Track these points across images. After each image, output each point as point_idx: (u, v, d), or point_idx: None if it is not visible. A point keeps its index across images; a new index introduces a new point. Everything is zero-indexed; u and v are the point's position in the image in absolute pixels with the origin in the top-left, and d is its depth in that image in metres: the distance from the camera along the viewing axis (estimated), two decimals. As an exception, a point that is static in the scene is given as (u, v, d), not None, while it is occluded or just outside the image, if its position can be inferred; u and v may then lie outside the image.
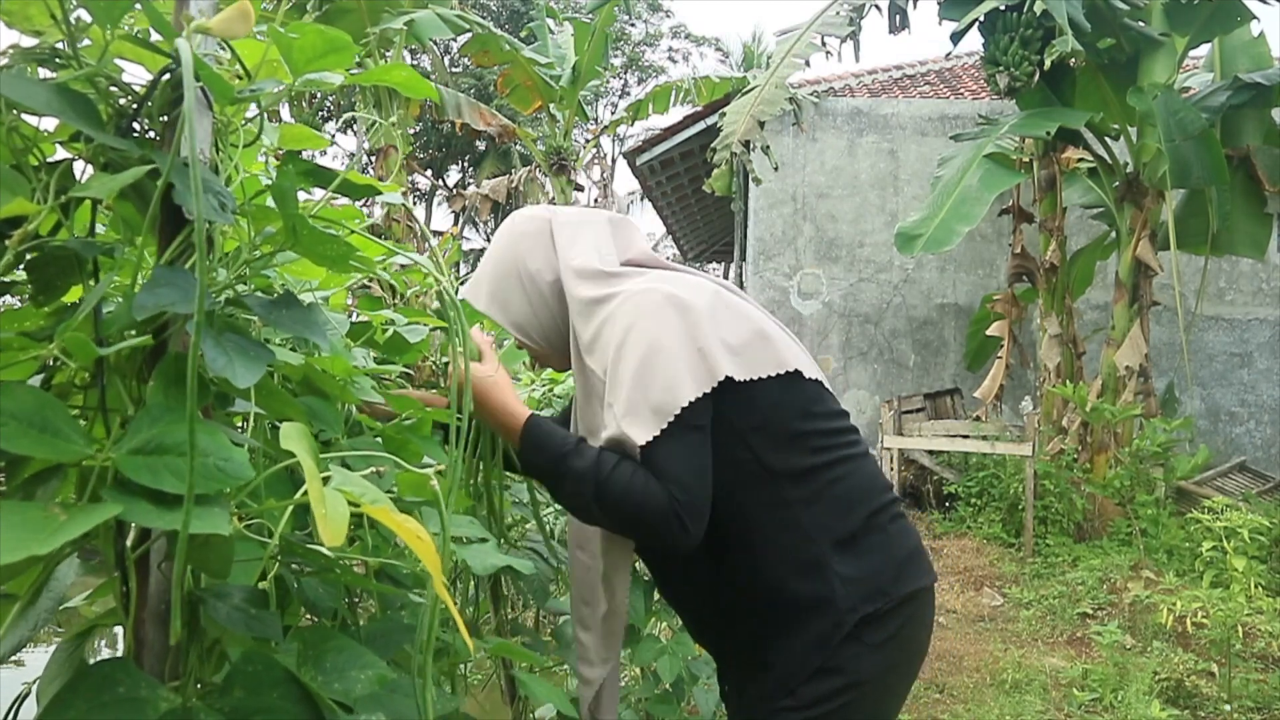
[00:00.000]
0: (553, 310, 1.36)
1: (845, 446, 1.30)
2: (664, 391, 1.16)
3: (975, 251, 9.59)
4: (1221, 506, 4.20)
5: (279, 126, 0.75)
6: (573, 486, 1.19)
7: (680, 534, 1.15)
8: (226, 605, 0.73)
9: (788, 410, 1.26)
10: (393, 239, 7.07)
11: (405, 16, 6.44)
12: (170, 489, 0.58)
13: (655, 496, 1.15)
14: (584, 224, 1.39)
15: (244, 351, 0.59)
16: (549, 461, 1.21)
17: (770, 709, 1.24)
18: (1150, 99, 6.25)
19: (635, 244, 1.41)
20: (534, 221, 1.40)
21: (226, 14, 0.55)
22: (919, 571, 1.31)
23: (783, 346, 1.29)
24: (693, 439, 1.17)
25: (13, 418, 0.57)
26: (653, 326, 1.19)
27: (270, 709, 0.68)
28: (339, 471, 0.64)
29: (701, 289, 1.28)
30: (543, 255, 1.36)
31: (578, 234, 1.37)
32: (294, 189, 0.61)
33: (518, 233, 1.39)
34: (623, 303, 1.24)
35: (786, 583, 1.24)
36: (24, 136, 0.58)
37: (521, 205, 20.95)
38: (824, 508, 1.25)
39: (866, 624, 1.23)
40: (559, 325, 1.37)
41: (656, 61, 24.64)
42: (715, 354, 1.20)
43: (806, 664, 1.22)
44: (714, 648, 1.42)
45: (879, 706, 1.27)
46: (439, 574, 0.61)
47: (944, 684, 4.08)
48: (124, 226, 0.63)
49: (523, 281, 1.36)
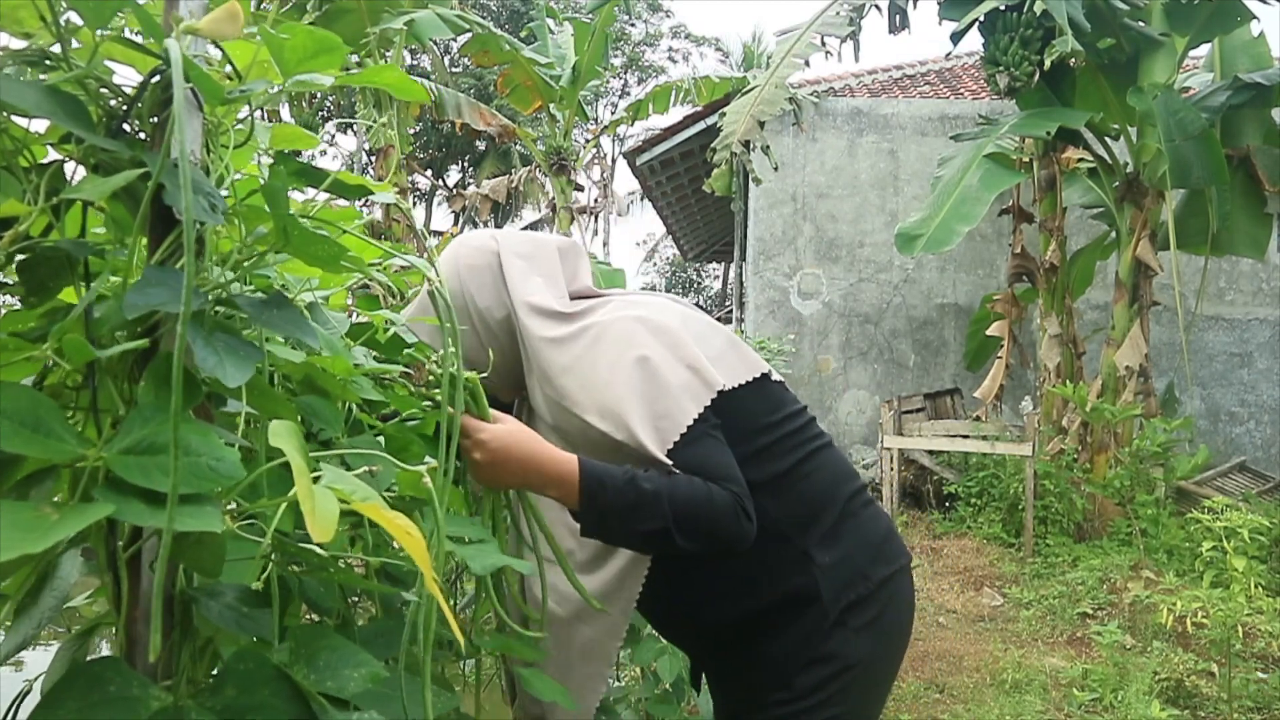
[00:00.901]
0: (503, 345, 1.31)
1: (812, 440, 1.32)
2: (666, 417, 1.16)
3: (975, 251, 9.59)
4: (1221, 506, 4.19)
5: (271, 127, 0.75)
6: (649, 511, 1.11)
7: (748, 527, 1.16)
8: (219, 604, 0.73)
9: (759, 412, 1.27)
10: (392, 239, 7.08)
11: (405, 16, 6.45)
12: (162, 488, 0.58)
13: (720, 494, 1.14)
14: (535, 256, 1.33)
15: (234, 351, 0.60)
16: (617, 492, 1.12)
17: (763, 703, 1.25)
18: (1150, 99, 6.25)
19: (581, 274, 1.38)
20: (481, 254, 1.32)
21: (216, 14, 0.55)
22: (894, 552, 1.34)
23: (749, 351, 1.31)
24: (714, 440, 1.18)
25: (6, 417, 0.57)
26: (637, 354, 1.18)
27: (262, 707, 0.68)
28: (330, 469, 0.64)
29: (666, 308, 1.28)
30: (492, 290, 1.30)
31: (530, 268, 1.31)
32: (284, 189, 0.61)
33: (463, 265, 1.32)
34: (598, 337, 1.22)
35: (773, 584, 1.25)
36: (14, 138, 0.58)
37: (521, 205, 20.83)
38: (800, 507, 1.27)
39: (851, 610, 1.25)
40: (508, 359, 1.32)
41: (656, 61, 24.65)
42: (704, 368, 1.21)
43: (799, 657, 1.24)
44: (692, 649, 1.42)
45: (872, 686, 1.30)
46: (428, 569, 0.61)
47: (944, 684, 4.08)
48: (115, 227, 0.63)
49: (471, 317, 1.30)
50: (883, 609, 1.28)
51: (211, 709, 0.67)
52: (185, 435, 0.58)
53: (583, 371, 1.21)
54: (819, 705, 1.23)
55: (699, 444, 1.16)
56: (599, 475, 1.13)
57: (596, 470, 1.13)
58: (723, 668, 1.35)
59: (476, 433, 1.12)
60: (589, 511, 1.13)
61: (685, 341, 1.22)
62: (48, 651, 0.86)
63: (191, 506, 0.59)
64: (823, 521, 1.27)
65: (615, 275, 6.11)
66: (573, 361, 1.22)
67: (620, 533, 1.16)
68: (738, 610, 1.27)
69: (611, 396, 1.17)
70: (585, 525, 1.15)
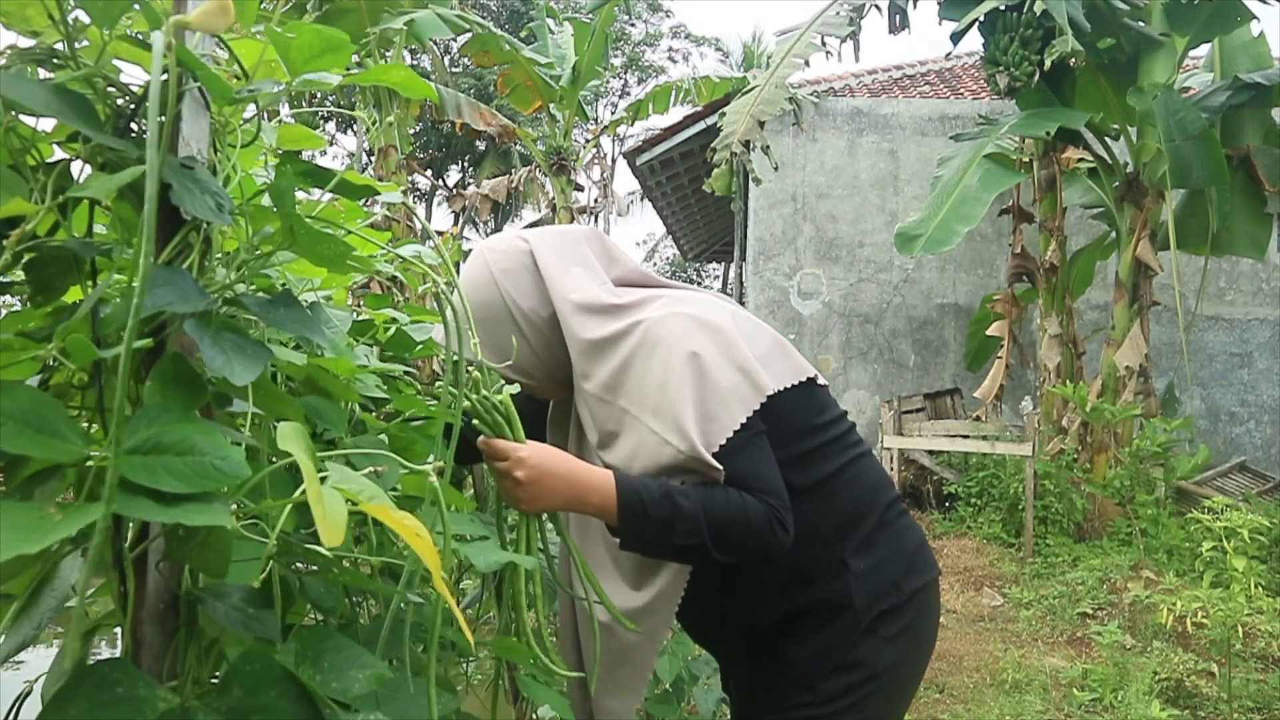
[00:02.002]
0: (551, 345, 1.27)
1: (853, 447, 1.31)
2: (714, 420, 1.14)
3: (975, 251, 9.59)
4: (1221, 506, 4.19)
5: (278, 126, 0.75)
6: (685, 526, 1.11)
7: (784, 538, 1.15)
8: (225, 605, 0.73)
9: (805, 416, 1.26)
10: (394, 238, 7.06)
11: (405, 16, 6.45)
12: (168, 488, 0.58)
13: (755, 508, 1.13)
14: (567, 248, 1.29)
15: (242, 350, 0.59)
16: (655, 506, 1.12)
17: (789, 705, 1.25)
18: (1150, 99, 6.25)
19: (621, 258, 1.34)
20: (513, 256, 1.28)
21: (205, 8, 0.54)
22: (926, 564, 1.34)
23: (795, 354, 1.29)
24: (757, 447, 1.17)
25: (11, 418, 0.57)
26: (689, 349, 1.16)
27: (268, 708, 0.68)
28: (337, 469, 0.64)
29: (716, 306, 1.26)
30: (533, 290, 1.26)
31: (565, 261, 1.27)
32: (292, 189, 0.61)
33: (498, 270, 1.27)
34: (646, 335, 1.19)
35: (807, 589, 1.25)
36: (21, 137, 0.58)
37: (521, 205, 20.78)
38: (838, 514, 1.26)
39: (882, 619, 1.25)
40: (559, 358, 1.28)
41: (656, 61, 24.63)
42: (755, 371, 1.19)
43: (826, 662, 1.24)
44: (723, 652, 1.42)
45: (894, 695, 1.30)
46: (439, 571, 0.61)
47: (944, 684, 4.08)
48: (121, 226, 0.63)
49: (518, 323, 1.26)
50: (912, 620, 1.28)
51: (218, 710, 0.67)
52: (190, 434, 0.58)
53: (634, 372, 1.18)
54: (840, 712, 1.22)
55: (742, 452, 1.15)
56: (636, 490, 1.13)
57: (634, 485, 1.13)
58: (748, 669, 1.35)
59: (515, 452, 1.12)
60: (627, 525, 1.13)
61: (736, 342, 1.20)
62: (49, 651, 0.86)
63: (198, 503, 0.59)
64: (860, 529, 1.27)
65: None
66: (622, 363, 1.19)
67: (657, 546, 1.16)
68: (770, 614, 1.27)
69: (665, 398, 1.15)
70: (624, 539, 1.16)
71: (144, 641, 0.70)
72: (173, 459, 0.59)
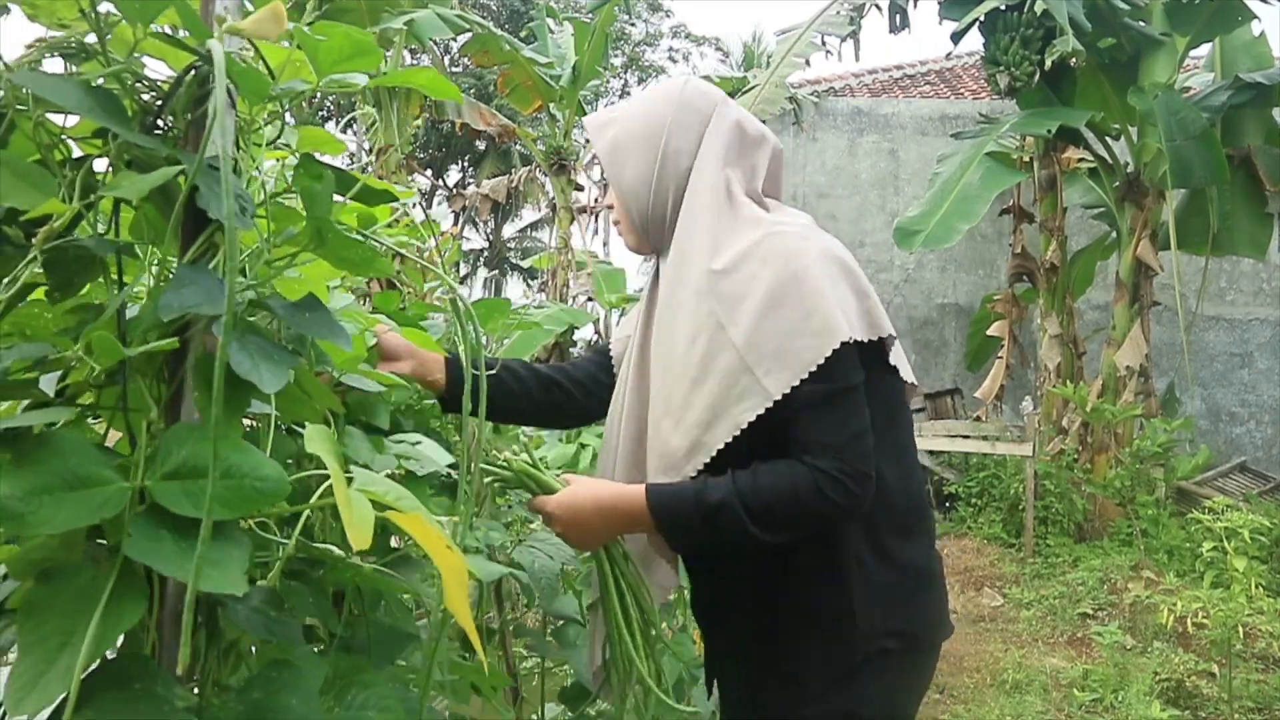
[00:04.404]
0: (670, 197, 1.22)
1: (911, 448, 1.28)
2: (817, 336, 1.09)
3: (975, 251, 9.59)
4: (1222, 507, 4.19)
5: (298, 128, 0.74)
6: (723, 520, 1.09)
7: (845, 502, 1.07)
8: (245, 607, 0.73)
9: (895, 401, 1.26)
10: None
11: (405, 16, 6.43)
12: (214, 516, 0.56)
13: (803, 478, 1.07)
14: (749, 142, 1.24)
15: (268, 354, 0.59)
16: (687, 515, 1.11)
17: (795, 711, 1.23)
18: (1151, 99, 6.25)
19: (778, 181, 1.29)
20: (705, 99, 1.23)
21: (259, 15, 0.55)
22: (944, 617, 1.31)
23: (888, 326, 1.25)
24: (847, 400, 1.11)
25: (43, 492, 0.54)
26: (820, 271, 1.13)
27: (286, 709, 0.68)
28: (360, 471, 0.64)
29: (838, 245, 1.23)
30: (692, 136, 1.21)
31: (738, 147, 1.22)
32: (326, 192, 0.60)
33: (684, 97, 1.23)
34: (761, 244, 1.14)
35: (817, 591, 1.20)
36: (50, 133, 0.57)
37: (521, 205, 20.81)
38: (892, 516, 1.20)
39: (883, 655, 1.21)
40: (666, 213, 1.23)
41: (656, 61, 24.60)
42: (878, 312, 1.19)
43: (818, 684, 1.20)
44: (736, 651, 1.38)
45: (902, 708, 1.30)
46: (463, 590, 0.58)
47: (944, 684, 4.08)
48: (146, 225, 0.63)
49: (657, 154, 1.21)
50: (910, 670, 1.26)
51: (235, 711, 0.67)
52: (227, 456, 0.57)
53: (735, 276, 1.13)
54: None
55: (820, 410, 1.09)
56: (665, 502, 1.12)
57: (664, 498, 1.12)
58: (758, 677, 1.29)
59: (543, 507, 1.14)
60: (670, 534, 1.15)
61: (863, 280, 1.20)
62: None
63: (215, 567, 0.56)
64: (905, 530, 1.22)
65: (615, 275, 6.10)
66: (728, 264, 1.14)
67: (707, 544, 1.18)
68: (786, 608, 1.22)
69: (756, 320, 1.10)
70: (672, 545, 1.21)
71: (164, 642, 0.70)
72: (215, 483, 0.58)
